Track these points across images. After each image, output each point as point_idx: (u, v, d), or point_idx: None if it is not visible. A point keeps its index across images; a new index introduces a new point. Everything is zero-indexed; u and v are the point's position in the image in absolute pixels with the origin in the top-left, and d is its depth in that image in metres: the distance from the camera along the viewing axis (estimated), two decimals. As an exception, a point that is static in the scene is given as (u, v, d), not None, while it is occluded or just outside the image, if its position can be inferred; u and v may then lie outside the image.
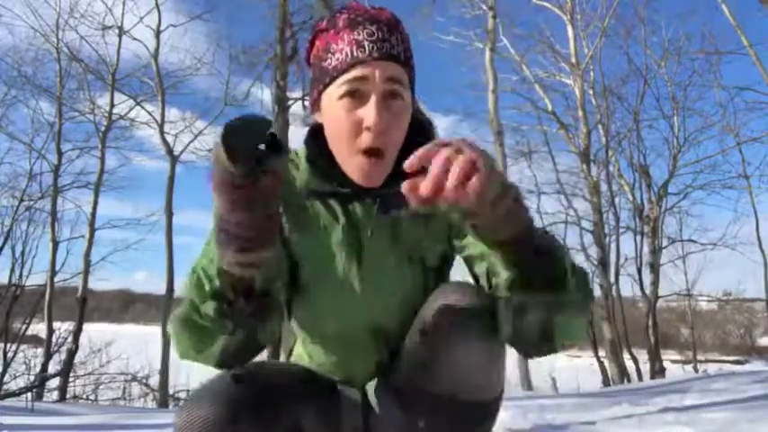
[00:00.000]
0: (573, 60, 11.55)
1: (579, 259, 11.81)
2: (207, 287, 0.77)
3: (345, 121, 0.90)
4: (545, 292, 0.75)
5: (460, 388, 0.89)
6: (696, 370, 11.59)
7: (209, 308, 0.77)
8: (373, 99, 0.89)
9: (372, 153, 0.91)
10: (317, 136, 1.00)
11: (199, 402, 0.83)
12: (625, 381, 9.93)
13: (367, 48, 0.89)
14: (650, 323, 11.35)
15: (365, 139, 0.90)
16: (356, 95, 0.90)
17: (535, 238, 0.73)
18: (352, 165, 0.93)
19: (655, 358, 10.98)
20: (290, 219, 0.97)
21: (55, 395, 10.25)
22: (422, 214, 0.74)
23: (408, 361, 0.94)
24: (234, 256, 0.70)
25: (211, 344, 0.82)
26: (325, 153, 0.98)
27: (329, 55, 0.92)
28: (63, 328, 11.28)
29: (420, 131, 0.98)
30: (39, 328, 11.66)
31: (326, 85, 0.93)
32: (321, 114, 0.98)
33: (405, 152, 0.94)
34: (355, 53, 0.90)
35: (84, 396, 10.85)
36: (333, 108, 0.92)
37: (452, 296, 0.88)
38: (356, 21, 0.92)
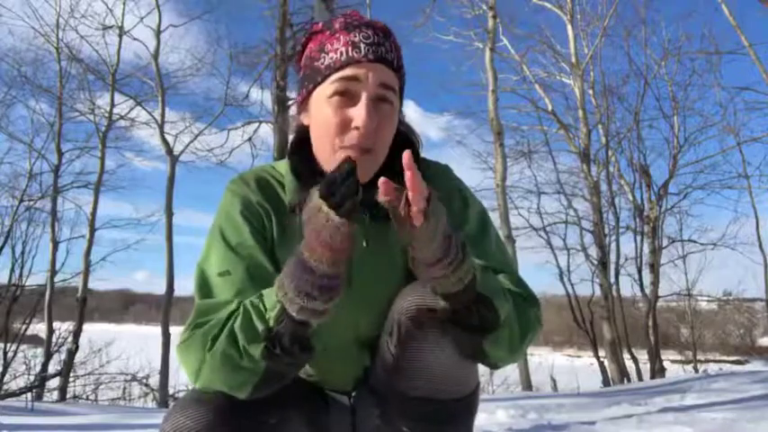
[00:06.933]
0: (573, 60, 11.54)
1: (579, 260, 11.83)
2: (260, 328, 0.78)
3: (334, 119, 0.91)
4: (471, 331, 0.84)
5: (437, 386, 0.89)
6: (696, 370, 11.57)
7: (256, 350, 0.78)
8: (364, 100, 0.89)
9: (360, 151, 0.91)
10: (300, 146, 1.01)
11: (186, 409, 0.83)
12: (625, 381, 9.93)
13: (362, 49, 0.91)
14: (650, 323, 11.32)
15: (353, 137, 0.90)
16: (347, 94, 0.91)
17: (476, 291, 0.80)
18: (338, 160, 0.92)
19: (655, 358, 10.96)
20: (278, 235, 0.97)
21: (55, 395, 10.24)
22: None
23: (384, 365, 0.94)
24: (323, 306, 0.77)
25: (245, 383, 0.82)
26: (310, 164, 0.98)
27: (323, 54, 0.94)
28: (63, 328, 11.29)
29: (405, 141, 1.01)
30: (39, 328, 11.66)
31: (317, 84, 0.94)
32: (308, 114, 0.98)
33: (390, 159, 0.95)
34: (351, 53, 0.91)
35: (84, 396, 10.85)
36: (322, 106, 0.93)
37: (414, 297, 0.87)
38: (353, 24, 0.94)
